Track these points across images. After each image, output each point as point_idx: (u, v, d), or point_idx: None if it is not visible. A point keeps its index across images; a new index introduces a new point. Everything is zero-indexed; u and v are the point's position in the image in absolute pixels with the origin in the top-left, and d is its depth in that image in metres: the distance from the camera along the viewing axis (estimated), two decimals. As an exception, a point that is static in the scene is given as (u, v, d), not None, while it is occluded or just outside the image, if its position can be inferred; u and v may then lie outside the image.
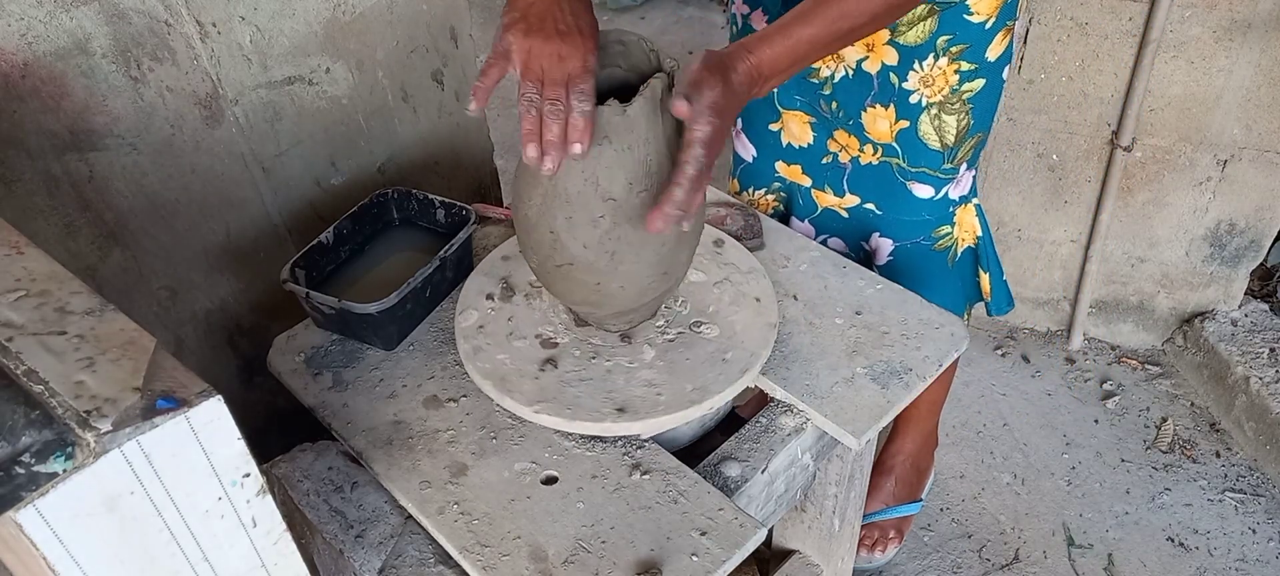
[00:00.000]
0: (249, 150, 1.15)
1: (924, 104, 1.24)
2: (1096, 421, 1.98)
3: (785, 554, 1.37)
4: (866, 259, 1.43)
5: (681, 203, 0.86)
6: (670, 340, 1.04)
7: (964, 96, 1.23)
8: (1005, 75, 1.26)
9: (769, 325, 1.06)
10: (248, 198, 1.18)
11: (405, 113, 1.32)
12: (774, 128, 1.40)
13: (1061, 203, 2.00)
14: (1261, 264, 2.01)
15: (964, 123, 1.25)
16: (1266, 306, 2.05)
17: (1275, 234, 1.95)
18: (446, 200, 1.20)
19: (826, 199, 1.40)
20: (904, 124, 1.26)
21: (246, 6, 1.08)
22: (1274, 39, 1.69)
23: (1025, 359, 2.13)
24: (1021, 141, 1.95)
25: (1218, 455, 1.91)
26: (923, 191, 1.32)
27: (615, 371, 1.01)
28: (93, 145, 1.01)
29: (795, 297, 1.15)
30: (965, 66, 1.21)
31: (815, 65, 1.28)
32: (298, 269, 1.10)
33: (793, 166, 1.42)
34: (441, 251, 1.11)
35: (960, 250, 1.41)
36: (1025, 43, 1.83)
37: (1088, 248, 2.03)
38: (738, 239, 1.19)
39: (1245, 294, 2.05)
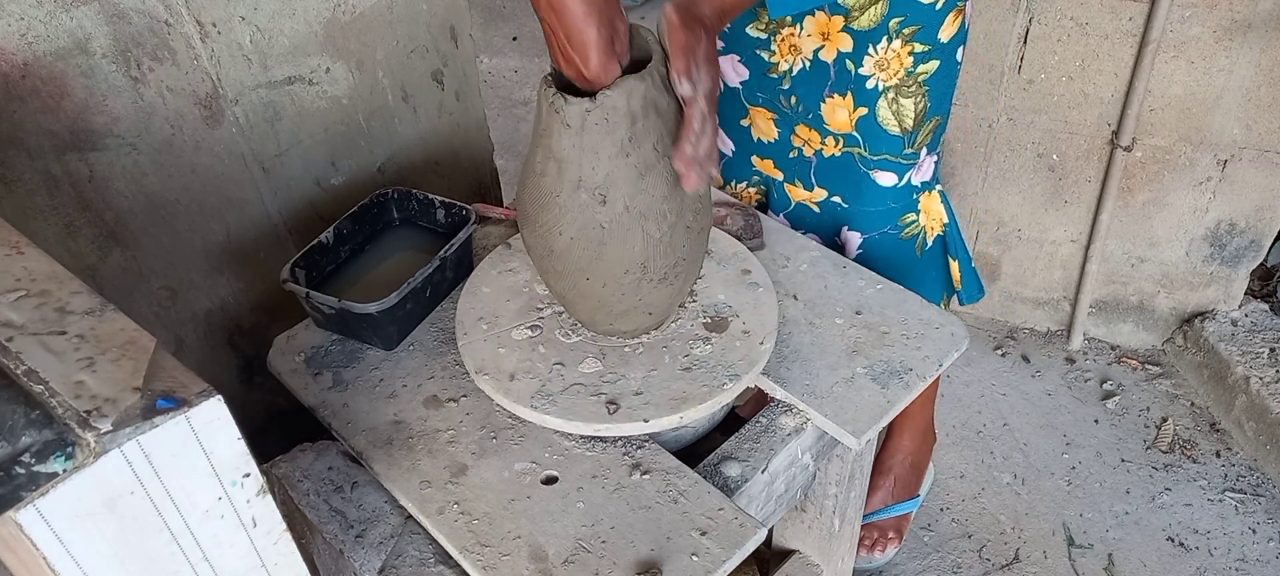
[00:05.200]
0: (249, 150, 1.15)
1: (881, 88, 1.25)
2: (1096, 421, 1.98)
3: (785, 554, 1.37)
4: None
5: (691, 155, 0.88)
6: (671, 340, 1.04)
7: (919, 79, 1.25)
8: (959, 57, 1.28)
9: (770, 316, 1.06)
10: (248, 198, 1.18)
11: (405, 113, 1.32)
12: (744, 123, 1.42)
13: (1061, 203, 2.00)
14: (1261, 264, 2.01)
15: (921, 106, 1.27)
16: (1266, 306, 2.05)
17: (1275, 234, 1.95)
18: (446, 200, 1.20)
19: (798, 193, 1.42)
20: (862, 111, 1.27)
21: (246, 6, 1.08)
22: (1274, 39, 1.69)
23: (1025, 359, 2.13)
24: (1021, 141, 1.95)
25: (1218, 455, 1.91)
26: (886, 179, 1.34)
27: (615, 370, 1.01)
28: (93, 145, 1.01)
29: (795, 297, 1.15)
30: (919, 48, 1.22)
31: (774, 59, 1.29)
32: (298, 269, 1.10)
33: (765, 161, 1.44)
34: (442, 251, 1.11)
35: (930, 239, 1.42)
36: (1025, 43, 1.83)
37: (1088, 248, 2.03)
38: (738, 239, 1.19)
39: (1245, 294, 2.06)
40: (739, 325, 1.05)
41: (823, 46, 1.25)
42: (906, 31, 1.21)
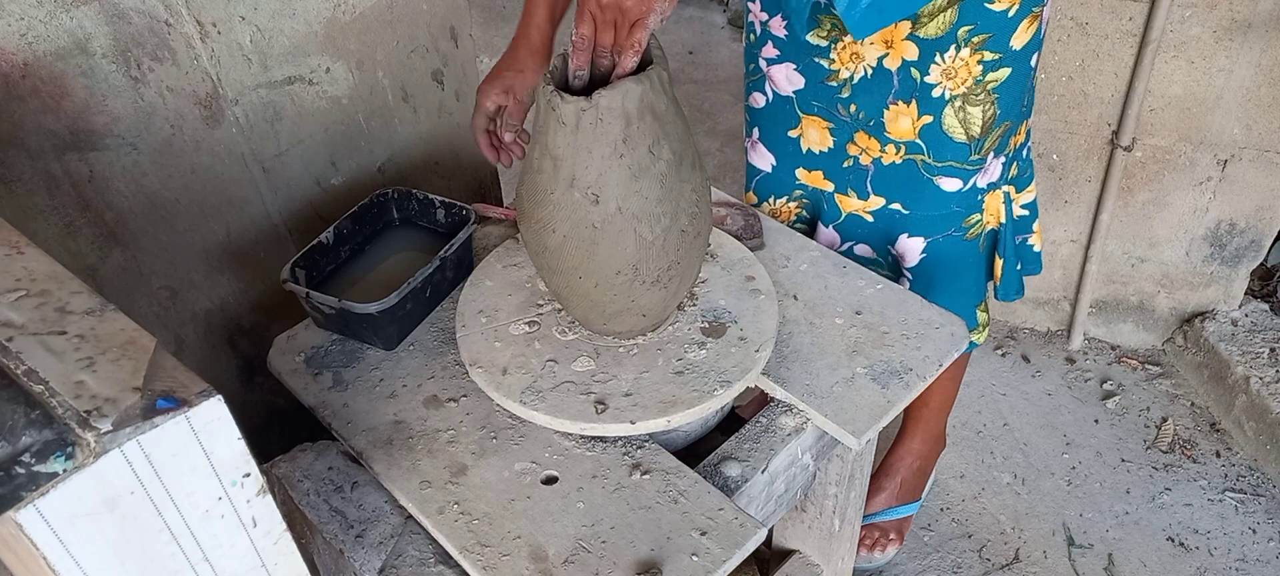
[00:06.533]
0: (249, 150, 1.15)
1: (947, 97, 1.23)
2: (1096, 421, 1.98)
3: (785, 554, 1.37)
4: (894, 264, 1.42)
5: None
6: (667, 342, 1.04)
7: (989, 87, 1.23)
8: (1034, 62, 1.25)
9: (769, 325, 1.06)
10: (248, 198, 1.18)
11: (405, 113, 1.32)
12: (793, 134, 1.39)
13: (1061, 202, 2.00)
14: (1261, 264, 2.01)
15: (990, 113, 1.25)
16: (1266, 306, 2.05)
17: (1275, 234, 1.95)
18: (446, 200, 1.20)
19: (850, 203, 1.39)
20: (928, 119, 1.25)
21: (246, 6, 1.08)
22: (1274, 39, 1.69)
23: (1025, 359, 2.13)
24: (1021, 141, 1.95)
25: (1218, 455, 1.91)
26: (950, 184, 1.31)
27: (608, 370, 1.01)
28: (93, 145, 1.01)
29: (795, 297, 1.15)
30: (988, 56, 1.20)
31: (834, 67, 1.28)
32: (298, 269, 1.10)
33: (814, 172, 1.40)
34: (442, 251, 1.11)
35: (985, 233, 1.40)
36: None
37: (1088, 247, 2.03)
38: (738, 239, 1.19)
39: (1245, 294, 2.05)
40: (737, 331, 1.05)
41: (887, 54, 1.22)
42: (976, 39, 1.18)
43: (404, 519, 0.97)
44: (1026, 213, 1.44)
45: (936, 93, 1.22)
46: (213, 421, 0.57)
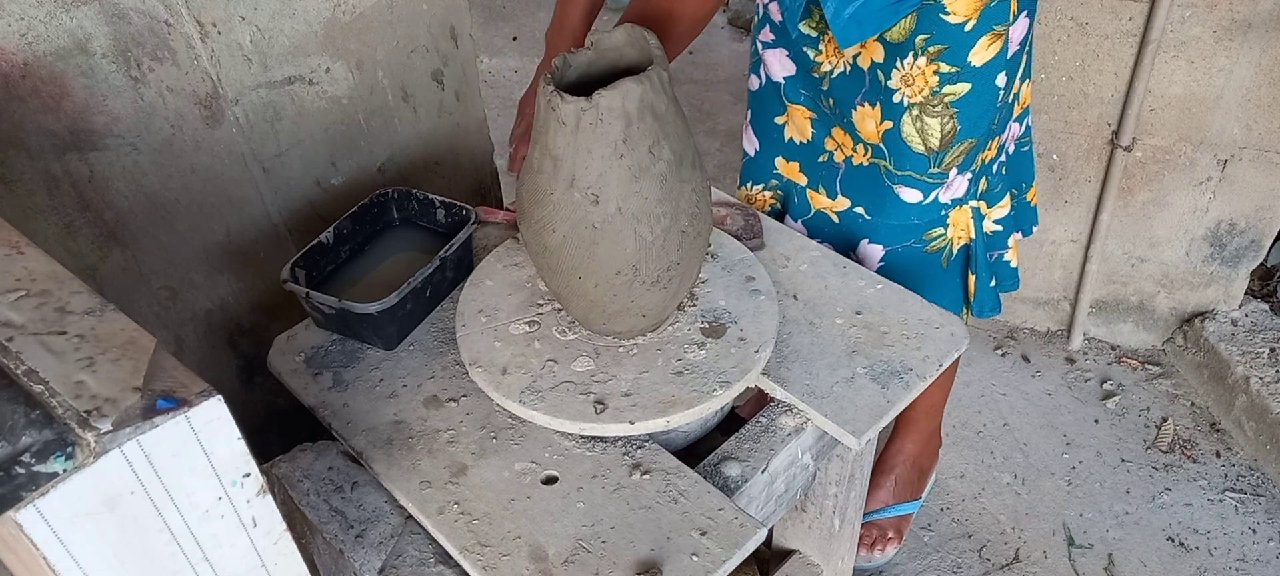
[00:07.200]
0: (249, 150, 1.15)
1: (905, 104, 1.23)
2: (1096, 421, 1.98)
3: (785, 554, 1.37)
4: None
5: None
6: (667, 343, 1.04)
7: (946, 100, 1.22)
8: (1000, 82, 1.23)
9: (769, 325, 1.06)
10: (248, 197, 1.18)
11: (405, 113, 1.32)
12: (779, 121, 1.40)
13: (1061, 202, 2.00)
14: (1261, 264, 2.01)
15: (949, 127, 1.24)
16: (1266, 306, 2.05)
17: (1275, 234, 1.95)
18: (446, 200, 1.20)
19: (820, 200, 1.40)
20: (888, 124, 1.26)
21: (246, 6, 1.08)
22: (1274, 39, 1.69)
23: (1025, 359, 2.13)
24: (1021, 141, 1.95)
25: (1218, 455, 1.91)
26: (910, 195, 1.32)
27: (608, 370, 1.01)
28: (93, 145, 1.01)
29: (795, 297, 1.15)
30: (945, 68, 1.19)
31: (818, 60, 1.28)
32: (298, 269, 1.10)
33: (791, 164, 1.41)
34: (442, 251, 1.11)
35: (955, 249, 1.40)
36: (1025, 43, 1.83)
37: (1088, 247, 2.03)
38: (738, 239, 1.19)
39: (1245, 294, 2.06)
40: (736, 332, 1.05)
41: (861, 53, 1.23)
42: (932, 50, 1.18)
43: (404, 519, 0.97)
44: (999, 228, 1.44)
45: (896, 98, 1.23)
46: (213, 421, 0.57)
